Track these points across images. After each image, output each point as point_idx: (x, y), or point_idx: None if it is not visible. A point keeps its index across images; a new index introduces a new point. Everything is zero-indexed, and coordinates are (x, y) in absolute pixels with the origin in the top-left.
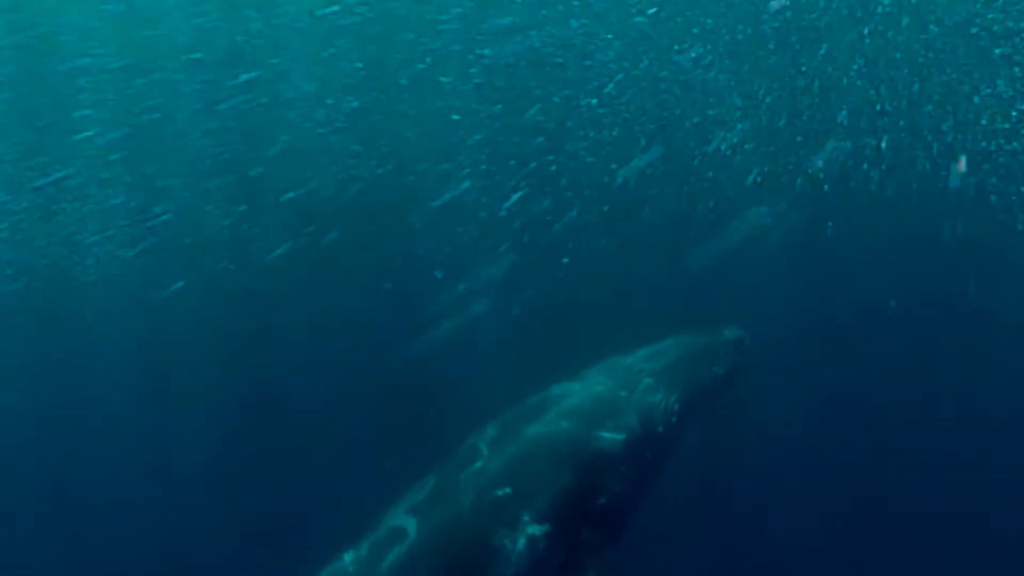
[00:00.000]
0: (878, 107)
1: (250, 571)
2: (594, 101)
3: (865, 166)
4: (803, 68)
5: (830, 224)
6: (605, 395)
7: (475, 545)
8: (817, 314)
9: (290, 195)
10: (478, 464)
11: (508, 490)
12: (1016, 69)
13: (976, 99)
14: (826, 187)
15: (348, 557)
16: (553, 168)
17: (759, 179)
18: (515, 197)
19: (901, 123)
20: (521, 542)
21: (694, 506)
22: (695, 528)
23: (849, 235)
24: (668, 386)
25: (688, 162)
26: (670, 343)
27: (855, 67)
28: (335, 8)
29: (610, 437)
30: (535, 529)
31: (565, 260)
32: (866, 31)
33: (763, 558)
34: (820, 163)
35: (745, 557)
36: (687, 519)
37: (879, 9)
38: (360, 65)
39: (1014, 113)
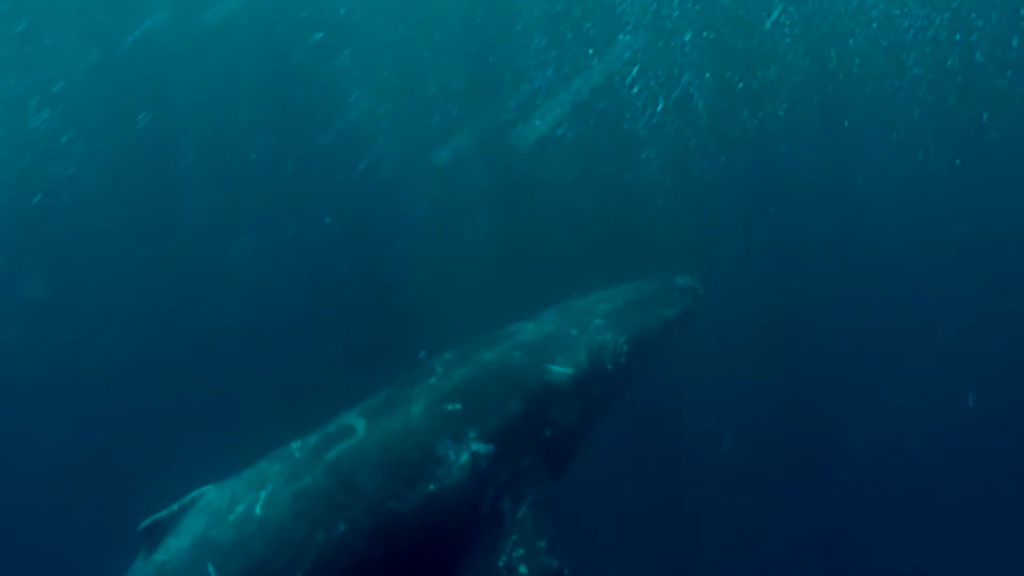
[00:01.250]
0: None
1: None
2: None
3: None
4: None
5: None
6: (557, 332)
7: (419, 451)
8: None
9: None
10: (432, 380)
11: (458, 406)
12: None
13: None
14: None
15: (295, 444)
16: None
17: None
18: None
19: None
20: (464, 456)
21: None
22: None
23: None
24: (618, 327)
25: None
26: (624, 288)
27: None
28: None
29: (559, 371)
30: (479, 447)
31: None
32: None
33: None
34: None
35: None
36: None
37: None
38: None
39: None
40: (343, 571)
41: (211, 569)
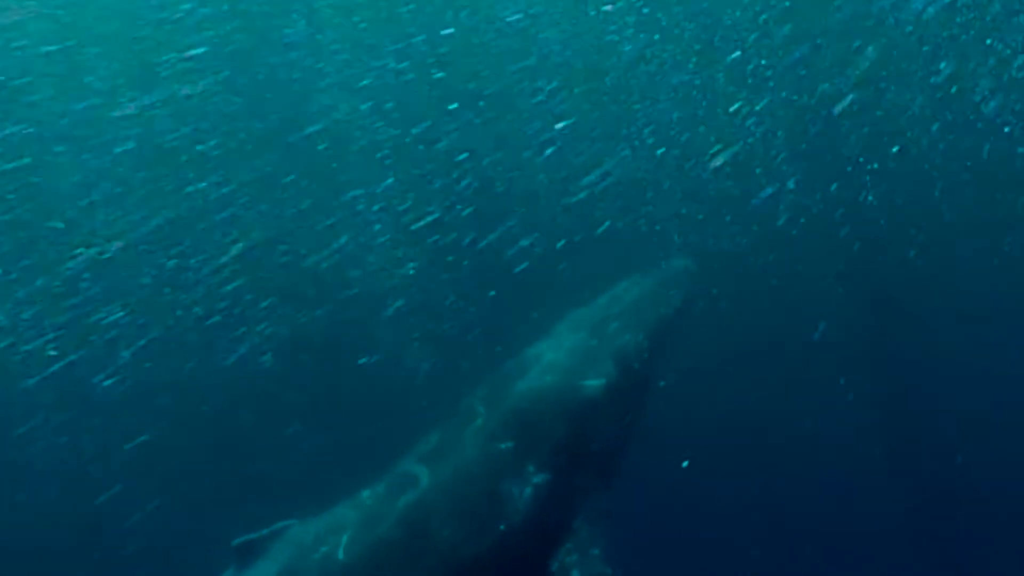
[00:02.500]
0: None
1: None
2: None
3: None
4: None
5: None
6: (578, 347)
7: (484, 494)
8: None
9: None
10: (478, 422)
11: (510, 444)
12: None
13: None
14: None
15: (366, 493)
16: None
17: None
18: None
19: None
20: (528, 491)
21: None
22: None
23: None
24: (634, 327)
25: None
26: (624, 285)
27: None
28: None
29: (593, 384)
30: (538, 479)
31: None
32: None
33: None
34: None
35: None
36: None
37: None
38: None
39: None
40: None
41: None
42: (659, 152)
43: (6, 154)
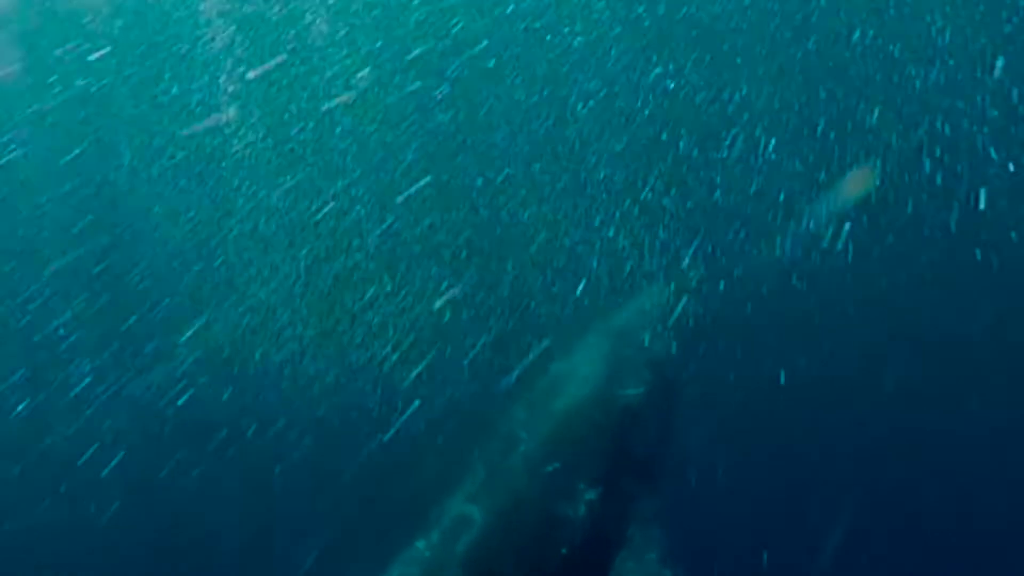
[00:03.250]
0: None
1: None
2: None
3: None
4: None
5: None
6: (612, 357)
7: (541, 522)
8: None
9: None
10: (521, 448)
11: (557, 465)
12: None
13: None
14: None
15: (420, 544)
16: None
17: None
18: None
19: None
20: (582, 509)
21: None
22: None
23: None
24: (662, 332)
25: None
26: (644, 296)
27: None
28: None
29: (631, 393)
30: (590, 495)
31: None
32: None
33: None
34: None
35: None
36: None
37: None
38: None
39: None
40: None
41: None
42: None
43: None
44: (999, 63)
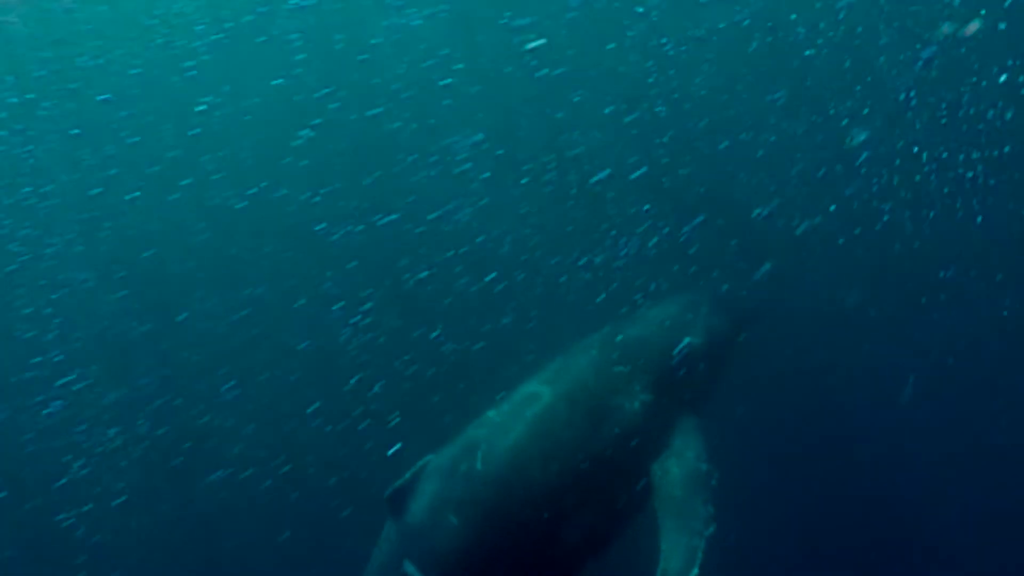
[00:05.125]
0: None
1: None
2: None
3: None
4: None
5: None
6: (680, 315)
7: (601, 404)
8: None
9: None
10: (594, 353)
11: (623, 369)
12: None
13: None
14: None
15: (491, 412)
16: None
17: None
18: None
19: None
20: (636, 403)
21: None
22: None
23: None
24: (717, 310)
25: None
26: (701, 287)
27: None
28: None
29: (691, 341)
30: (644, 396)
31: None
32: None
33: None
34: None
35: None
36: None
37: None
38: None
39: None
40: (561, 503)
41: (452, 519)
42: None
43: None
44: None
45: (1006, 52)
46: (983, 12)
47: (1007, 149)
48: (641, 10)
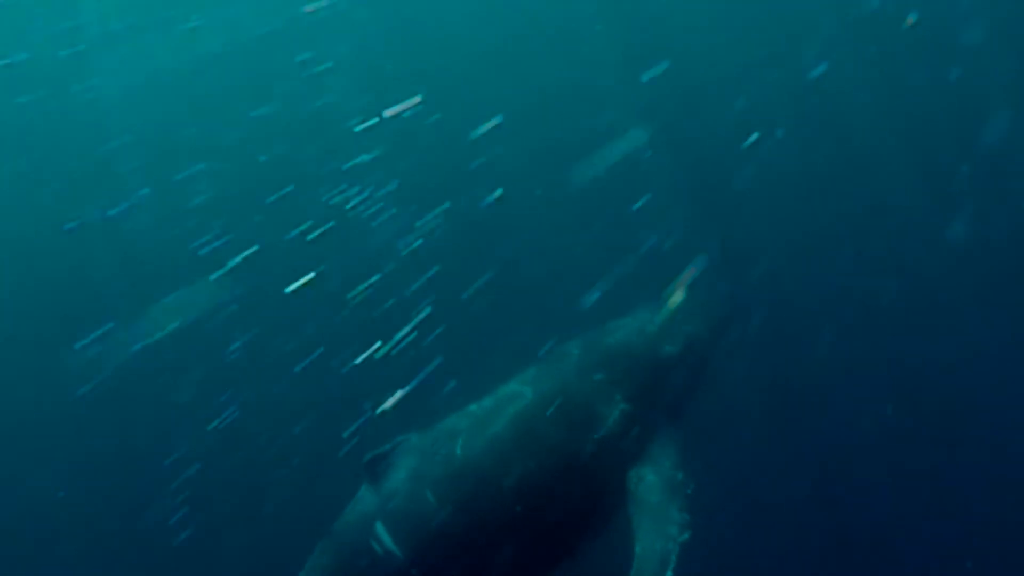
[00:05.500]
0: None
1: None
2: None
3: None
4: None
5: None
6: (661, 323)
7: (582, 409)
8: None
9: None
10: (575, 358)
11: (602, 376)
12: None
13: None
14: None
15: (473, 407)
16: None
17: None
18: None
19: None
20: (616, 412)
21: None
22: None
23: None
24: (700, 314)
25: None
26: (689, 288)
27: None
28: None
29: (669, 349)
30: (624, 406)
31: None
32: None
33: None
34: None
35: None
36: None
37: None
38: None
39: None
40: (535, 500)
41: (429, 495)
42: None
43: None
44: None
45: None
46: None
47: None
48: None
